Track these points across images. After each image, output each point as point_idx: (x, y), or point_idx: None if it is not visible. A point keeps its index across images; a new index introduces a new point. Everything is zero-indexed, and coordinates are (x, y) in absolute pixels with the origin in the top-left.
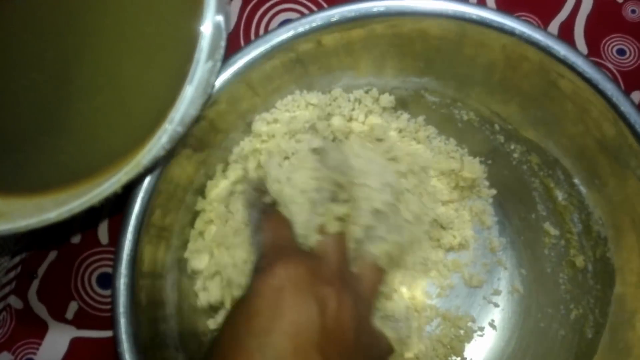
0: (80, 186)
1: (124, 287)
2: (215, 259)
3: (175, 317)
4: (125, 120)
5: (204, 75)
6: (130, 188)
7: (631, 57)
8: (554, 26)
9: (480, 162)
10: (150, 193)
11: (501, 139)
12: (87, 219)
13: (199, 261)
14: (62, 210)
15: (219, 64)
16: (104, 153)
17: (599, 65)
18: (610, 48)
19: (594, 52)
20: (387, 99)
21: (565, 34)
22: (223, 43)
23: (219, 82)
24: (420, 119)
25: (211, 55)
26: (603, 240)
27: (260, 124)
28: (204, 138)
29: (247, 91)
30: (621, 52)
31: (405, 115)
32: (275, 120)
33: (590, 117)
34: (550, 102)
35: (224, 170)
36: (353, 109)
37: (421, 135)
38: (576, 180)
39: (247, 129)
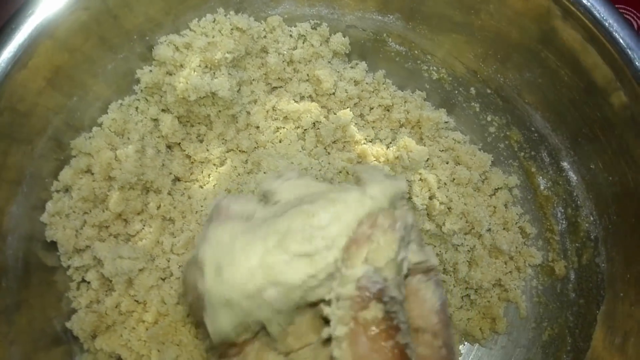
0: None
1: None
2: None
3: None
4: None
5: None
6: None
7: None
8: None
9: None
10: None
11: (476, 107)
12: None
13: (61, 233)
14: None
15: None
16: None
17: None
18: None
19: None
20: (339, 41)
21: None
22: None
23: None
24: (380, 73)
25: None
26: (593, 242)
27: (165, 49)
28: (81, 46)
29: None
30: None
31: (363, 65)
32: (187, 46)
33: (597, 79)
34: (545, 58)
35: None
36: (295, 48)
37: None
38: (565, 164)
39: (147, 54)
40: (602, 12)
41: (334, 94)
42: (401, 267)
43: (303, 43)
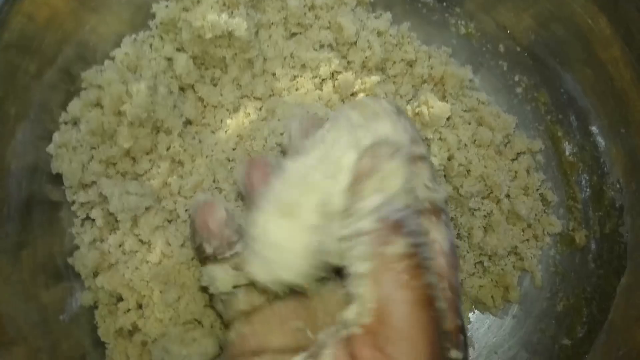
0: None
1: None
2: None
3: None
4: None
5: None
6: None
7: None
8: None
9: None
10: None
11: (504, 65)
12: None
13: (67, 166)
14: None
15: None
16: None
17: None
18: None
19: None
20: None
21: None
22: None
23: None
24: (405, 25)
25: None
26: (617, 211)
27: None
28: None
29: None
30: None
31: (387, 16)
32: None
33: (635, 33)
34: (582, 13)
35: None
36: None
37: None
38: (594, 128)
39: None
40: None
41: (355, 43)
42: (415, 196)
43: None
